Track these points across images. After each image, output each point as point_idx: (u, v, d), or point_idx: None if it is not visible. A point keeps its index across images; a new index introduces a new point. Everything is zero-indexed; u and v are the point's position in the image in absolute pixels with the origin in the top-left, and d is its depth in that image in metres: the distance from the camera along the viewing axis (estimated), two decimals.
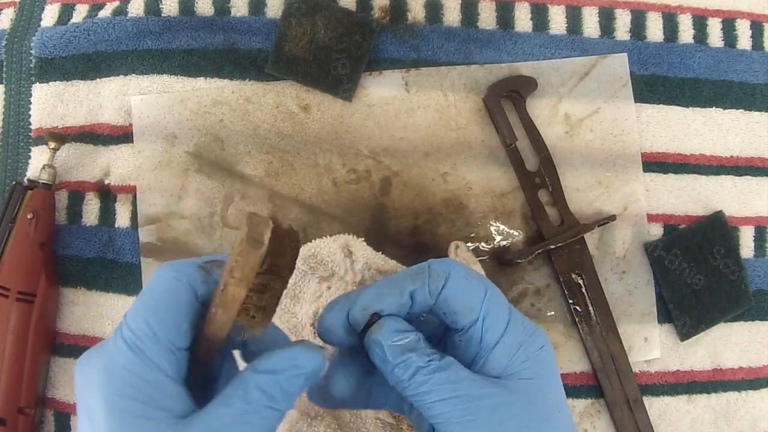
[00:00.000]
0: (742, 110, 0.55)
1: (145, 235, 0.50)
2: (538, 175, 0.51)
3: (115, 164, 0.51)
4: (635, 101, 0.53)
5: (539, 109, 0.53)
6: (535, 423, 0.30)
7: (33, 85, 0.51)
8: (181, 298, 0.28)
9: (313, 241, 0.47)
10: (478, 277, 0.32)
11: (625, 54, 0.53)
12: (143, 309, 0.28)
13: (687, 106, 0.54)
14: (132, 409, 0.26)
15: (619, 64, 0.53)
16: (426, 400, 0.30)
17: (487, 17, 0.53)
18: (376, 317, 0.31)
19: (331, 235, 0.47)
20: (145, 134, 0.51)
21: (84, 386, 0.28)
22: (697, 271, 0.52)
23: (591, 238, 0.52)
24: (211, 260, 0.30)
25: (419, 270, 0.32)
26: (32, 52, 0.51)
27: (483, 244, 0.51)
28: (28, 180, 0.49)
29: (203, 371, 0.31)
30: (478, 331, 0.31)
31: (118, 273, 0.50)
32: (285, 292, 0.35)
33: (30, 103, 0.51)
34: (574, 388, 0.51)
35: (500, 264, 0.51)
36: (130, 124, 0.51)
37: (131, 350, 0.27)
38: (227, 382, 0.28)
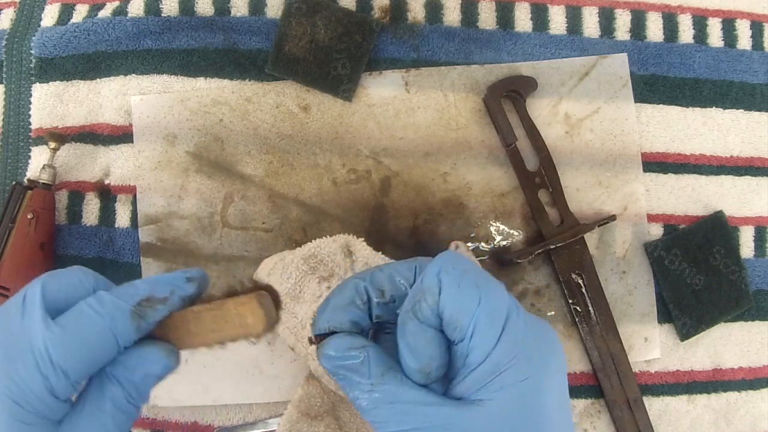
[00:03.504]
0: (742, 110, 0.55)
1: (145, 235, 0.50)
2: (538, 175, 0.51)
3: (115, 164, 0.51)
4: (635, 101, 0.53)
5: (539, 109, 0.53)
6: None
7: (33, 85, 0.51)
8: (106, 350, 0.30)
9: (313, 241, 0.47)
10: (473, 283, 0.30)
11: (625, 54, 0.53)
12: (67, 343, 0.29)
13: (687, 106, 0.54)
14: (20, 415, 0.28)
15: (619, 64, 0.53)
16: (372, 421, 0.30)
17: (487, 17, 0.53)
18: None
19: (331, 235, 0.47)
20: (145, 134, 0.51)
21: None
22: (697, 271, 0.52)
23: (591, 238, 0.52)
24: (149, 299, 0.30)
25: (409, 272, 0.32)
26: (32, 52, 0.51)
27: (483, 244, 0.51)
28: (28, 180, 0.49)
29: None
30: (464, 348, 0.29)
31: (118, 273, 0.50)
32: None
33: (30, 103, 0.51)
34: (574, 388, 0.51)
35: (500, 264, 0.51)
36: (130, 124, 0.51)
37: (40, 375, 0.28)
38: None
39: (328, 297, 0.33)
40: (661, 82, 0.54)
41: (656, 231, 0.53)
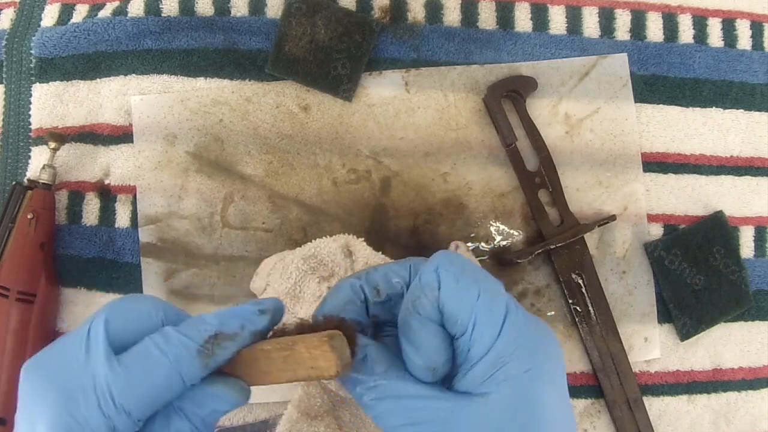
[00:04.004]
0: (742, 110, 0.55)
1: (145, 235, 0.50)
2: (538, 175, 0.51)
3: (115, 164, 0.51)
4: (635, 101, 0.53)
5: (539, 109, 0.53)
6: None
7: (33, 85, 0.51)
8: (171, 389, 0.29)
9: (313, 241, 0.47)
10: (472, 278, 0.30)
11: (625, 54, 0.53)
12: (131, 384, 0.28)
13: (687, 106, 0.54)
14: None
15: (619, 64, 0.53)
16: (375, 415, 0.30)
17: (487, 17, 0.53)
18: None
19: (331, 235, 0.47)
20: (145, 134, 0.51)
21: (34, 403, 0.28)
22: (697, 271, 0.52)
23: (591, 238, 0.52)
24: (218, 335, 0.29)
25: (404, 272, 0.32)
26: (32, 52, 0.51)
27: (483, 244, 0.51)
28: (28, 180, 0.49)
29: None
30: (465, 343, 0.30)
31: (118, 273, 0.50)
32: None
33: (30, 103, 0.51)
34: (574, 388, 0.51)
35: (500, 264, 0.51)
36: (130, 124, 0.51)
37: (102, 414, 0.28)
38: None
39: (325, 297, 0.34)
40: (661, 82, 0.54)
41: (656, 231, 0.53)
